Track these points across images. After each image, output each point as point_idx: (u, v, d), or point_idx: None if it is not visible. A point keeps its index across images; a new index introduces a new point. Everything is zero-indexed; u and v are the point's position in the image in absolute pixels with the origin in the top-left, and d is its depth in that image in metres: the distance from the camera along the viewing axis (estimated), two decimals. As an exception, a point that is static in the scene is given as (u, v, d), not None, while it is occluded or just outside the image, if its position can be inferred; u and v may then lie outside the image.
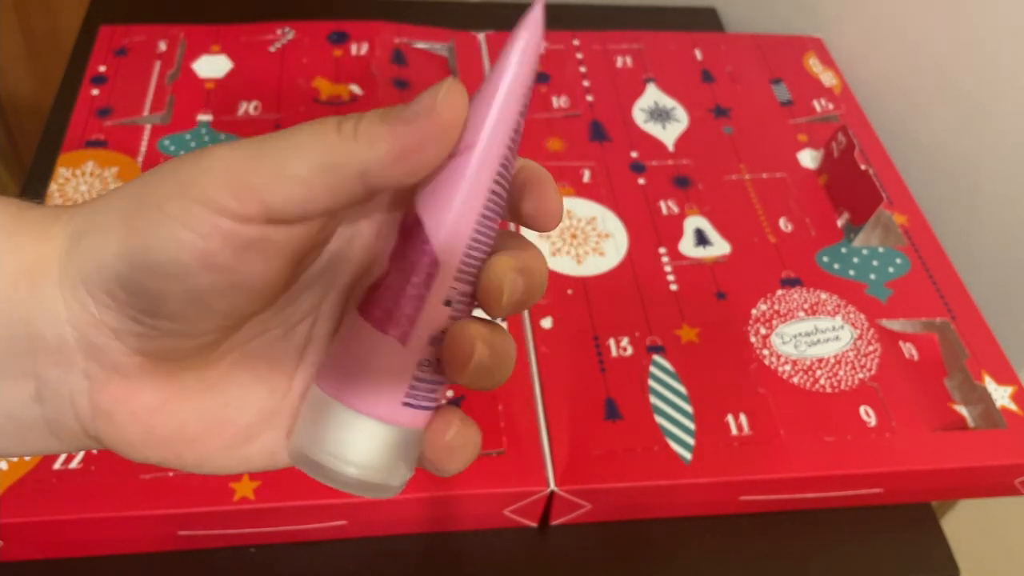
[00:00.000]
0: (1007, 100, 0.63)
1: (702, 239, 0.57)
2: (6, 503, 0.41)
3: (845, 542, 0.48)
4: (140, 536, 0.44)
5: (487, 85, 0.22)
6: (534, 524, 0.47)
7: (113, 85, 0.63)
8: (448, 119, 0.21)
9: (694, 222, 0.58)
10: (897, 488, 0.48)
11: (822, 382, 0.50)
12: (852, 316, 0.53)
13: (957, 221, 0.67)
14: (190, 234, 0.20)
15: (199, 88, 0.63)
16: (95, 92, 0.62)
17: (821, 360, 0.51)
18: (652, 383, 0.49)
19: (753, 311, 0.53)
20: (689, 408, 0.48)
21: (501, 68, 0.22)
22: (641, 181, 0.60)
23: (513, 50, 0.22)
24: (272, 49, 0.67)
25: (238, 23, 0.68)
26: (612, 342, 0.51)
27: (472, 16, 0.75)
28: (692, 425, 0.47)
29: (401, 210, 0.23)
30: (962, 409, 0.50)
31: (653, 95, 0.67)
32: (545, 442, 0.46)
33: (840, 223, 0.59)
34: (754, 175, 0.62)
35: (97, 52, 0.65)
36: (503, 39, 0.35)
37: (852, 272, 0.56)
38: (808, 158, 0.63)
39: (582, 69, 0.68)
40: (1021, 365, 0.55)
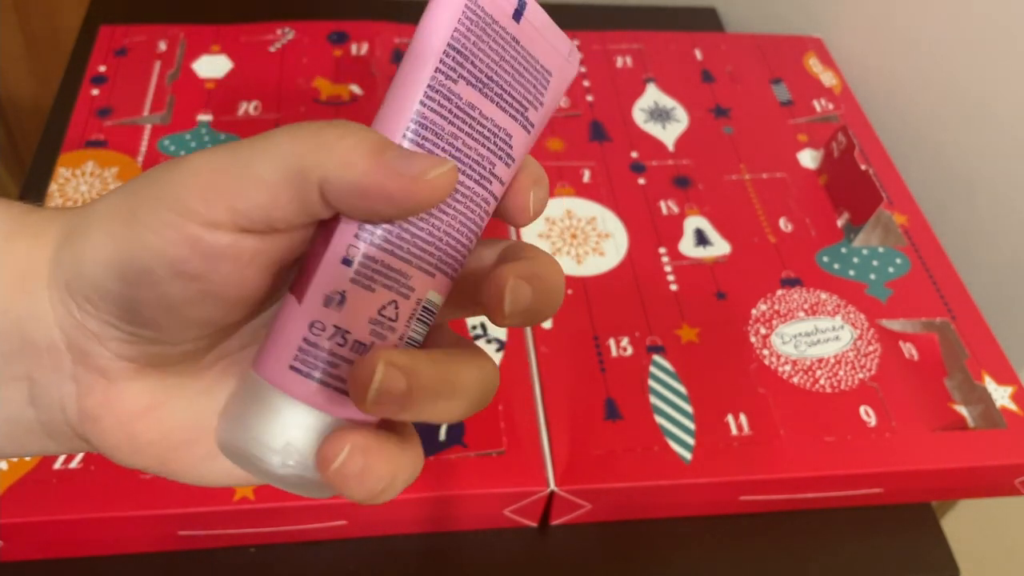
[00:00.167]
0: (1007, 100, 0.63)
1: (702, 239, 0.57)
2: (6, 503, 0.41)
3: (845, 542, 0.48)
4: (140, 536, 0.44)
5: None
6: (534, 524, 0.47)
7: (113, 85, 0.63)
8: (424, 195, 0.20)
9: (694, 222, 0.58)
10: (897, 488, 0.48)
11: (822, 382, 0.50)
12: (852, 316, 0.53)
13: (957, 221, 0.67)
14: (159, 240, 0.20)
15: (199, 88, 0.63)
16: (95, 92, 0.62)
17: (821, 360, 0.51)
18: (652, 383, 0.49)
19: (753, 311, 0.53)
20: (689, 408, 0.48)
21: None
22: (641, 181, 0.60)
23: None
24: (272, 49, 0.67)
25: (238, 23, 0.68)
26: (612, 342, 0.51)
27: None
28: (692, 425, 0.47)
29: None
30: (962, 409, 0.50)
31: (653, 95, 0.67)
32: (545, 442, 0.46)
33: (840, 223, 0.59)
34: (754, 175, 0.62)
35: (97, 52, 0.65)
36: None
37: (852, 272, 0.56)
38: (808, 158, 0.63)
39: (582, 69, 0.68)
40: (1021, 365, 0.55)
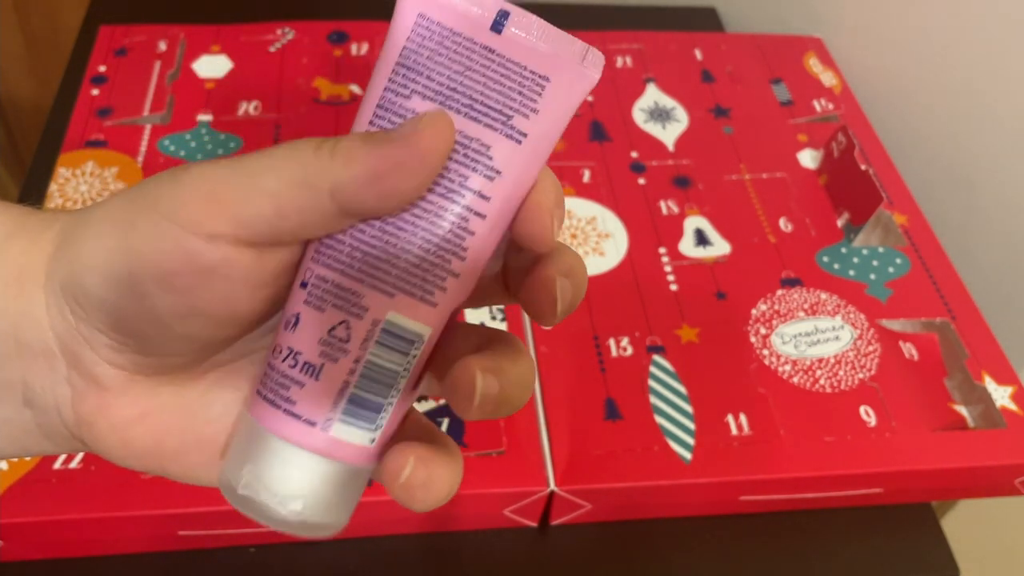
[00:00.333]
0: (1007, 100, 0.63)
1: (702, 239, 0.57)
2: (6, 503, 0.41)
3: (845, 542, 0.48)
4: (140, 536, 0.44)
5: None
6: (534, 524, 0.47)
7: (113, 85, 0.63)
8: (428, 146, 0.20)
9: (694, 222, 0.58)
10: (897, 488, 0.48)
11: (822, 382, 0.50)
12: (852, 316, 0.53)
13: (957, 221, 0.67)
14: (153, 251, 0.20)
15: (199, 88, 0.63)
16: (95, 92, 0.62)
17: (821, 360, 0.51)
18: (652, 383, 0.49)
19: (753, 311, 0.53)
20: (689, 408, 0.48)
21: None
22: (641, 181, 0.60)
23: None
24: (272, 49, 0.67)
25: (238, 23, 0.68)
26: (612, 342, 0.51)
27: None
28: (692, 425, 0.47)
29: None
30: (962, 409, 0.50)
31: (653, 95, 0.67)
32: (545, 442, 0.46)
33: (840, 223, 0.59)
34: (754, 175, 0.62)
35: (97, 52, 0.65)
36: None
37: (852, 272, 0.56)
38: (808, 158, 0.63)
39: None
40: (1021, 365, 0.55)
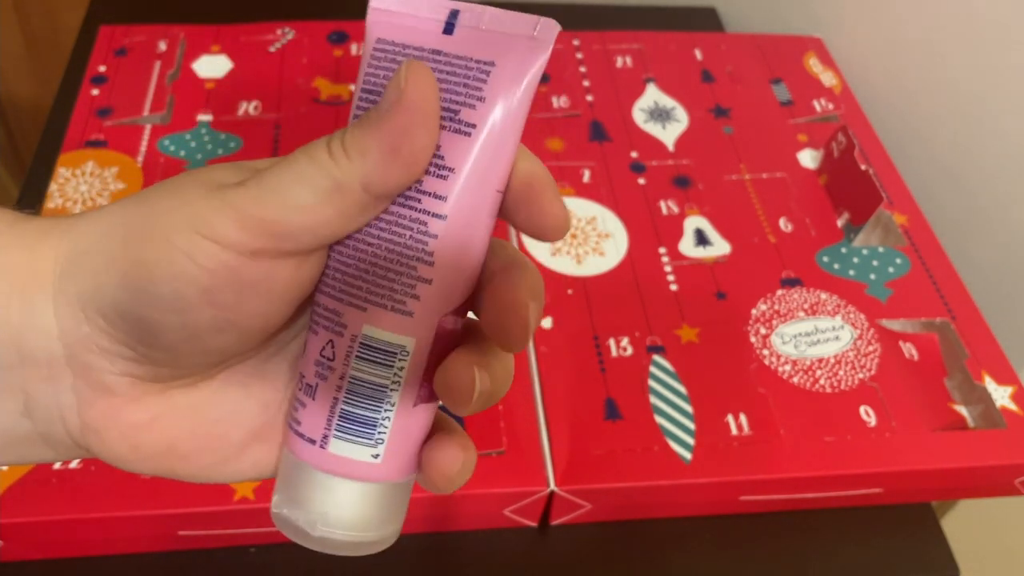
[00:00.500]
0: (1007, 100, 0.63)
1: (702, 239, 0.57)
2: (6, 503, 0.41)
3: (845, 542, 0.48)
4: (140, 536, 0.44)
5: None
6: (534, 524, 0.47)
7: (113, 85, 0.63)
8: (419, 98, 0.20)
9: (694, 222, 0.58)
10: (897, 488, 0.48)
11: (822, 382, 0.50)
12: (852, 316, 0.53)
13: (957, 221, 0.67)
14: (196, 268, 0.20)
15: (199, 88, 0.63)
16: (95, 92, 0.62)
17: (821, 360, 0.51)
18: (652, 383, 0.49)
19: (753, 311, 0.53)
20: (689, 408, 0.48)
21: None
22: (641, 181, 0.60)
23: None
24: (272, 49, 0.67)
25: (238, 23, 0.68)
26: (612, 342, 0.51)
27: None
28: (692, 425, 0.47)
29: None
30: (962, 409, 0.50)
31: (653, 95, 0.67)
32: (545, 442, 0.46)
33: (840, 223, 0.59)
34: (754, 175, 0.62)
35: (97, 52, 0.65)
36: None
37: (852, 272, 0.56)
38: (808, 158, 0.63)
39: (582, 69, 0.68)
40: (1021, 365, 0.55)
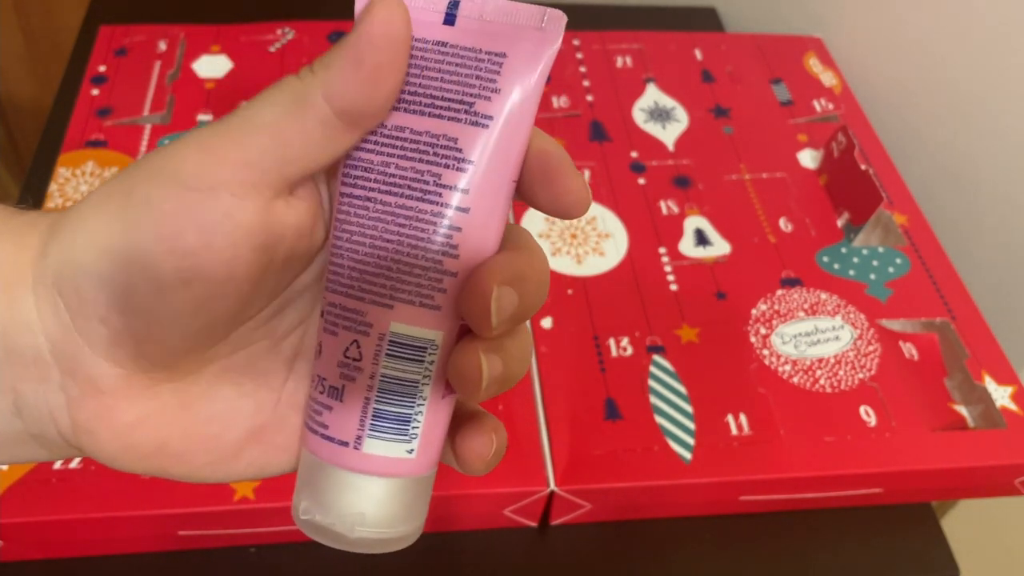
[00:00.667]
0: (1007, 100, 0.63)
1: (702, 239, 0.57)
2: (6, 503, 0.41)
3: (845, 542, 0.48)
4: (140, 536, 0.44)
5: None
6: (534, 524, 0.47)
7: (113, 85, 0.63)
8: (387, 16, 0.20)
9: (694, 222, 0.58)
10: (897, 488, 0.48)
11: (822, 382, 0.50)
12: (852, 316, 0.53)
13: (957, 221, 0.67)
14: (153, 215, 0.20)
15: (199, 88, 0.63)
16: (95, 92, 0.62)
17: (821, 360, 0.51)
18: (652, 383, 0.49)
19: (753, 311, 0.53)
20: (689, 408, 0.48)
21: None
22: (641, 181, 0.60)
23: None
24: (272, 49, 0.67)
25: (238, 23, 0.68)
26: (612, 342, 0.51)
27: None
28: (692, 425, 0.47)
29: None
30: (962, 409, 0.50)
31: (653, 95, 0.67)
32: (545, 442, 0.46)
33: (840, 223, 0.59)
34: (754, 175, 0.62)
35: (97, 52, 0.65)
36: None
37: (852, 272, 0.56)
38: (808, 158, 0.63)
39: (582, 69, 0.68)
40: (1021, 365, 0.55)
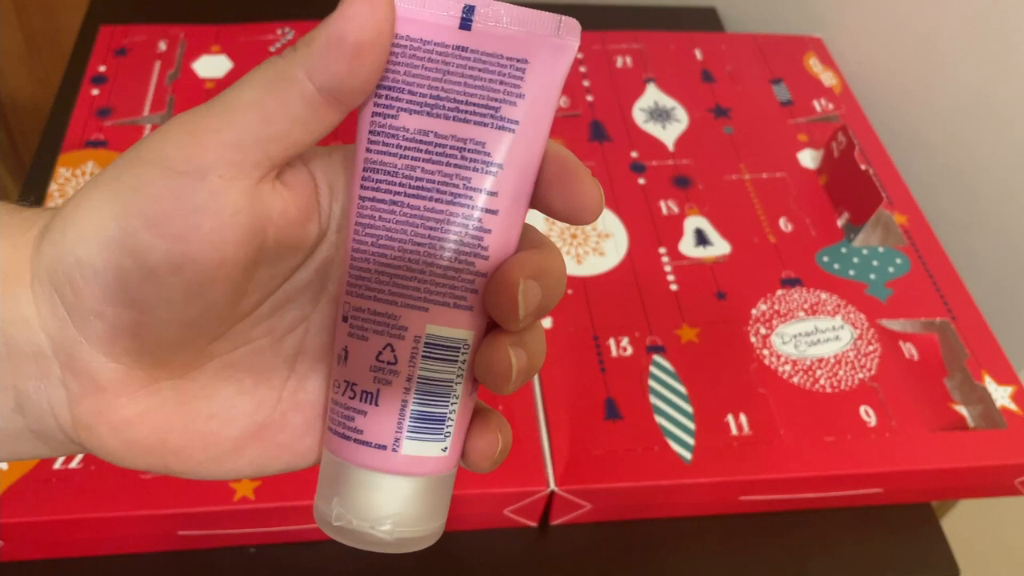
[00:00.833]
0: (1007, 100, 0.63)
1: (702, 239, 0.57)
2: (6, 503, 0.41)
3: (845, 542, 0.48)
4: (140, 536, 0.44)
5: None
6: (534, 524, 0.47)
7: (113, 85, 0.63)
8: None
9: (694, 222, 0.58)
10: (897, 488, 0.48)
11: (822, 382, 0.50)
12: (852, 316, 0.53)
13: (957, 221, 0.67)
14: (142, 198, 0.20)
15: (199, 88, 0.63)
16: (95, 92, 0.62)
17: (821, 360, 0.51)
18: (652, 383, 0.49)
19: (753, 311, 0.53)
20: (689, 408, 0.48)
21: None
22: (641, 181, 0.60)
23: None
24: (272, 49, 0.67)
25: (238, 23, 0.68)
26: (612, 342, 0.51)
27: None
28: (692, 425, 0.47)
29: None
30: (962, 409, 0.50)
31: (653, 95, 0.67)
32: (545, 442, 0.46)
33: (840, 223, 0.59)
34: (754, 175, 0.62)
35: (97, 52, 0.65)
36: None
37: (852, 272, 0.56)
38: (808, 158, 0.63)
39: (582, 69, 0.68)
40: (1021, 365, 0.55)
